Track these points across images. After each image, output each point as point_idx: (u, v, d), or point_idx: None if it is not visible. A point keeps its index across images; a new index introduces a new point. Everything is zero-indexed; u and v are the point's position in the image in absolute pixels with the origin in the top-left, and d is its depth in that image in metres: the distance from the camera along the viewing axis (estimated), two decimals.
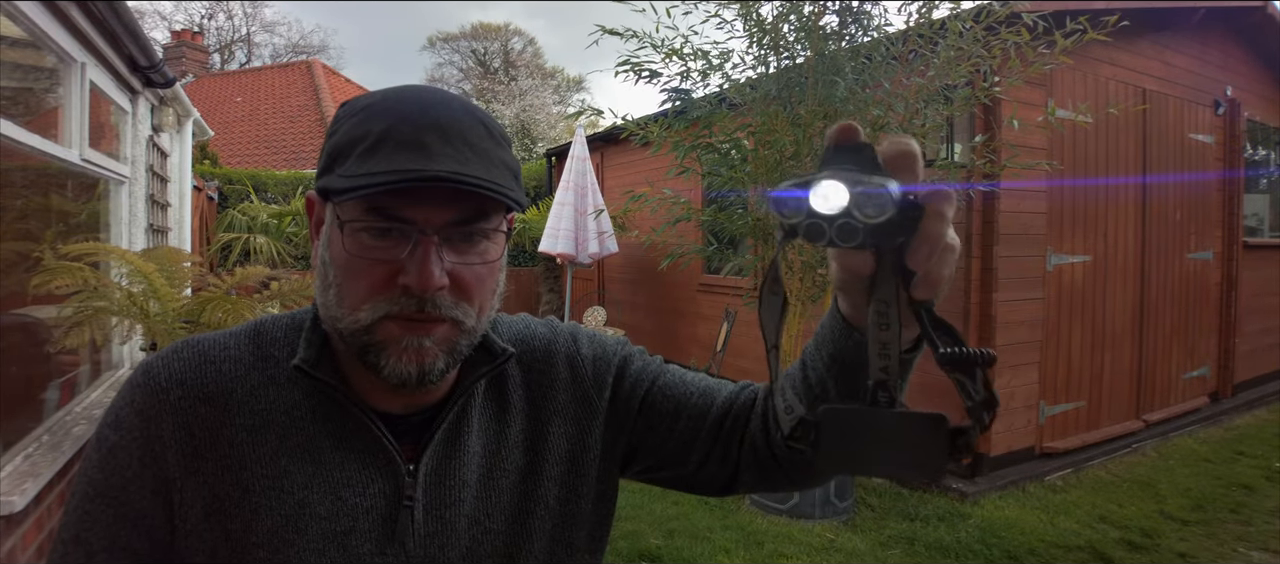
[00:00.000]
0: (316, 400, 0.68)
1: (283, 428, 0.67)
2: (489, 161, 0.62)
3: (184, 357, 0.69)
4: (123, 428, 0.66)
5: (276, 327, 0.73)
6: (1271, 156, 6.66)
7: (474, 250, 0.64)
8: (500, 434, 0.74)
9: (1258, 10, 5.68)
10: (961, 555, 3.27)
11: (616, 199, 6.42)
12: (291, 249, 8.09)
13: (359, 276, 0.62)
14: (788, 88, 3.66)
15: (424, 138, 0.59)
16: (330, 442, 0.67)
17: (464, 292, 0.63)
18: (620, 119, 4.19)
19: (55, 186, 3.09)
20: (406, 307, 0.61)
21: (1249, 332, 6.02)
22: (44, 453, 2.37)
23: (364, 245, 0.61)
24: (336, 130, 0.64)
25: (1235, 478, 4.25)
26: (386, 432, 0.68)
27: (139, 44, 3.24)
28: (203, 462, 0.65)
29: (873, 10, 3.69)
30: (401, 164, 0.58)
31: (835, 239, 0.43)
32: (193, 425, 0.66)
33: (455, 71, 30.97)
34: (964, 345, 0.45)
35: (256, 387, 0.68)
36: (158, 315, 3.01)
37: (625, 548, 3.33)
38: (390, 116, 0.61)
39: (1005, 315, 4.12)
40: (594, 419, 0.78)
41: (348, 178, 0.59)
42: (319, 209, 0.68)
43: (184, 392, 0.66)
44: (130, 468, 0.65)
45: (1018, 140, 3.90)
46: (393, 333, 0.62)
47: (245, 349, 0.70)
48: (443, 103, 0.63)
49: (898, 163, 0.46)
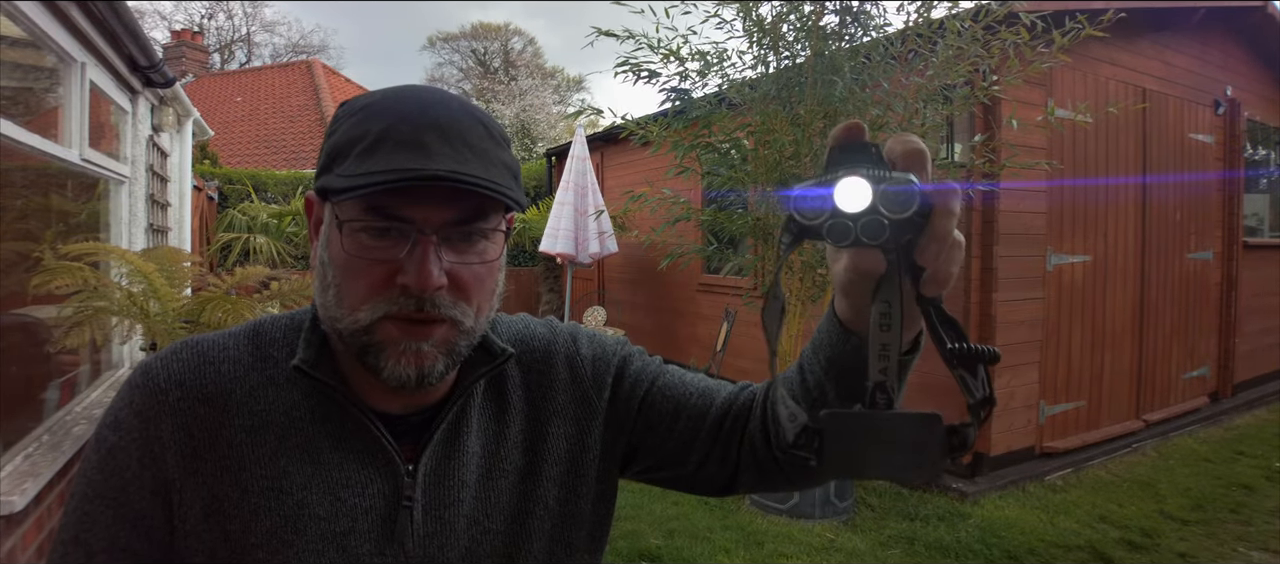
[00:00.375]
0: (316, 401, 0.68)
1: (282, 428, 0.67)
2: (488, 161, 0.62)
3: (182, 357, 0.68)
4: (122, 429, 0.66)
5: (275, 327, 0.73)
6: (1271, 156, 6.66)
7: (473, 250, 0.63)
8: (499, 434, 0.74)
9: (1258, 10, 5.68)
10: (961, 555, 3.27)
11: (616, 199, 6.42)
12: (291, 249, 8.09)
13: (358, 276, 0.62)
14: (787, 87, 3.66)
15: (423, 137, 0.59)
16: (329, 442, 0.67)
17: (463, 291, 0.63)
18: (620, 119, 4.19)
19: (55, 186, 3.09)
20: (405, 306, 0.61)
21: (1249, 332, 6.02)
22: (44, 453, 2.36)
23: (363, 245, 0.61)
24: (335, 130, 0.64)
25: (1235, 478, 4.25)
26: (386, 432, 0.68)
27: (139, 44, 3.24)
28: (202, 462, 0.65)
29: (872, 10, 3.69)
30: (400, 163, 0.58)
31: (861, 237, 0.43)
32: (192, 426, 0.66)
33: (455, 71, 30.99)
34: (968, 341, 0.46)
35: (255, 387, 0.68)
36: (158, 315, 3.01)
37: (625, 548, 3.33)
38: (389, 116, 0.61)
39: (1005, 315, 4.12)
40: (593, 419, 0.78)
41: (346, 177, 0.59)
42: (318, 209, 0.68)
43: (183, 393, 0.66)
44: (130, 469, 0.65)
45: (1018, 140, 3.90)
46: (391, 335, 0.62)
47: (244, 350, 0.70)
48: (442, 102, 0.63)
49: (910, 160, 0.46)
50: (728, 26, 3.81)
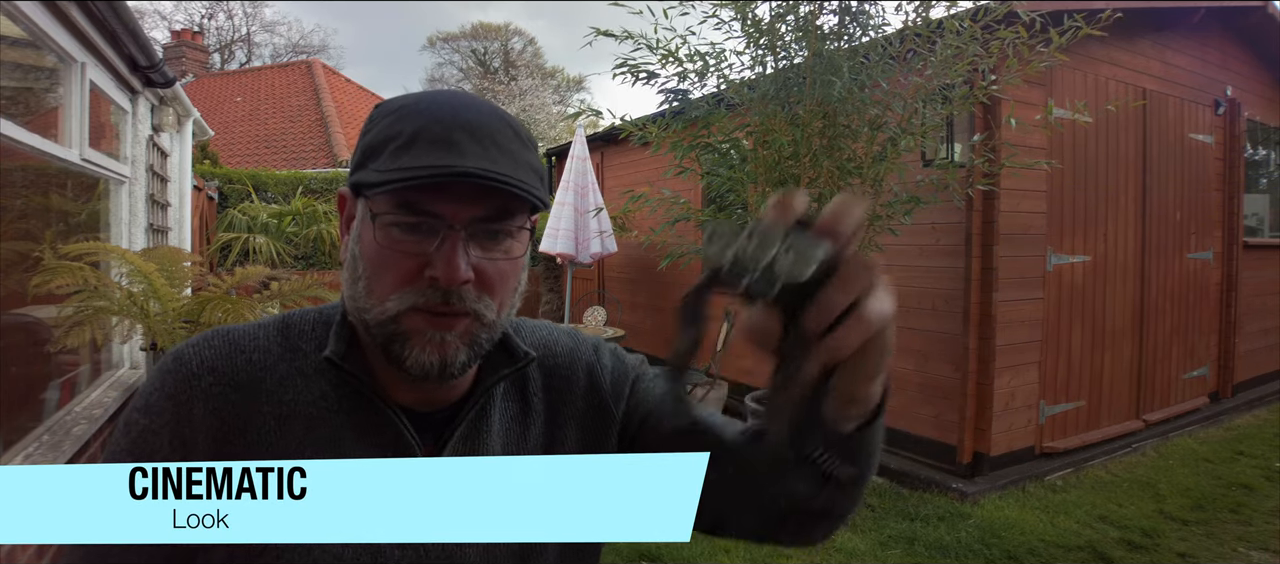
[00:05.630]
0: (342, 393, 0.70)
1: (308, 419, 0.68)
2: (515, 162, 0.64)
3: (215, 344, 0.70)
4: (153, 412, 0.67)
5: (304, 320, 0.75)
6: (1271, 156, 6.66)
7: (498, 247, 0.65)
8: (520, 436, 0.76)
9: (1258, 10, 5.68)
10: (961, 555, 3.27)
11: (616, 199, 6.42)
12: (291, 249, 8.09)
13: (387, 268, 0.64)
14: (785, 87, 3.66)
15: (454, 137, 0.62)
16: (353, 434, 0.69)
17: (487, 286, 0.65)
18: (619, 119, 4.19)
19: (55, 186, 3.09)
20: (432, 298, 0.63)
21: (1249, 332, 6.02)
22: (44, 453, 2.36)
23: (394, 238, 0.63)
24: (371, 129, 0.66)
25: (1235, 478, 4.25)
26: (409, 426, 0.69)
27: (139, 44, 3.24)
28: (231, 448, 0.66)
29: (870, 9, 3.69)
30: (432, 161, 0.60)
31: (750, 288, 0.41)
32: (223, 411, 0.67)
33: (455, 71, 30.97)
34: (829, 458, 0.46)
35: (284, 377, 0.70)
36: (158, 315, 3.01)
37: (625, 548, 3.33)
38: (423, 117, 0.63)
39: (1005, 315, 4.11)
40: (609, 427, 0.80)
41: (381, 172, 0.61)
42: (350, 205, 0.70)
43: (215, 378, 0.68)
44: (160, 451, 0.66)
45: (1017, 140, 3.90)
46: (417, 325, 0.64)
47: (274, 340, 0.72)
48: (473, 106, 0.66)
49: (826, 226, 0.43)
50: (726, 27, 3.81)
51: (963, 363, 4.12)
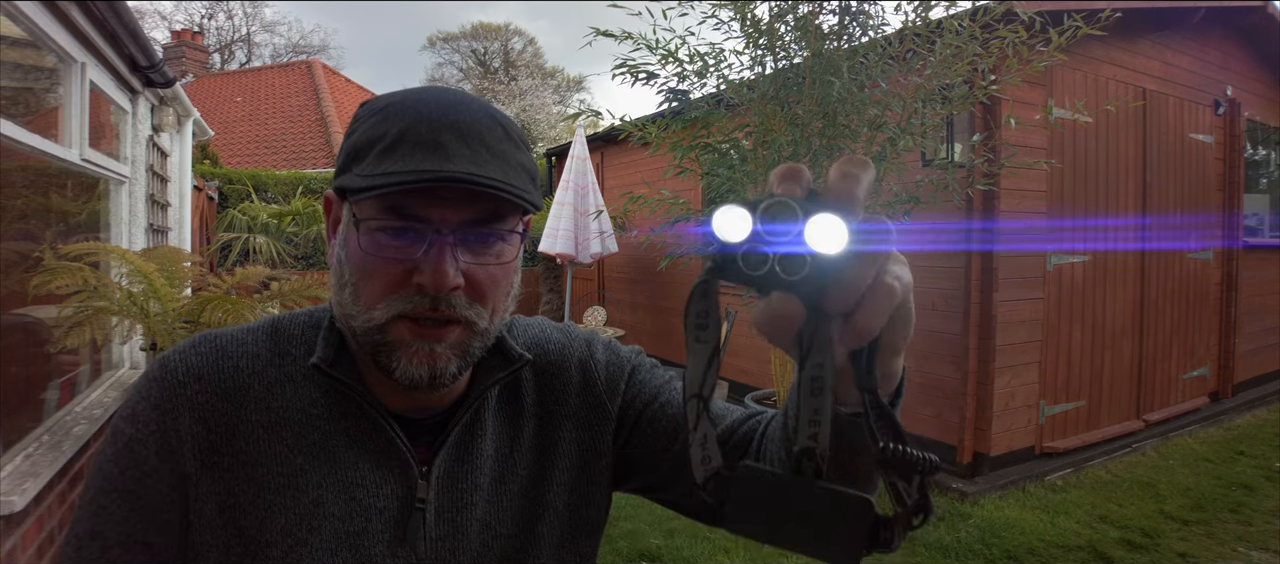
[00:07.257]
0: (333, 400, 0.68)
1: (299, 426, 0.67)
2: (506, 163, 0.62)
3: (201, 351, 0.69)
4: (139, 422, 0.66)
5: (294, 324, 0.73)
6: (1272, 156, 6.66)
7: (489, 251, 0.63)
8: (513, 438, 0.74)
9: (1258, 10, 5.67)
10: (961, 555, 3.27)
11: (616, 199, 6.41)
12: (291, 249, 8.08)
13: (374, 275, 0.62)
14: (785, 87, 3.66)
15: (441, 138, 0.60)
16: (345, 441, 0.67)
17: (478, 292, 0.63)
18: (619, 119, 4.19)
19: (55, 186, 3.09)
20: (420, 305, 0.61)
21: (1249, 332, 6.02)
22: (44, 453, 2.36)
23: (380, 244, 0.61)
24: (355, 130, 0.64)
25: (1235, 478, 4.25)
26: (401, 433, 0.68)
27: (139, 44, 3.23)
28: (219, 457, 0.65)
29: (870, 9, 3.69)
30: (418, 164, 0.58)
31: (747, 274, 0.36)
32: (210, 421, 0.66)
33: (455, 71, 30.97)
34: (906, 444, 0.39)
35: (273, 384, 0.68)
36: (158, 315, 3.01)
37: (625, 548, 3.32)
38: (409, 117, 0.61)
39: (1005, 315, 4.11)
40: (606, 424, 0.78)
41: (365, 177, 0.59)
42: (336, 208, 0.68)
43: (201, 386, 0.67)
44: (147, 462, 0.65)
45: (1017, 140, 3.90)
46: (404, 335, 0.62)
47: (263, 346, 0.70)
48: (462, 104, 0.63)
49: (836, 190, 0.39)
50: (725, 27, 3.81)
51: (963, 363, 4.13)
